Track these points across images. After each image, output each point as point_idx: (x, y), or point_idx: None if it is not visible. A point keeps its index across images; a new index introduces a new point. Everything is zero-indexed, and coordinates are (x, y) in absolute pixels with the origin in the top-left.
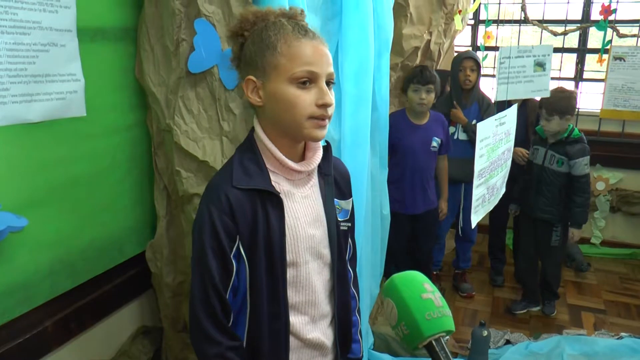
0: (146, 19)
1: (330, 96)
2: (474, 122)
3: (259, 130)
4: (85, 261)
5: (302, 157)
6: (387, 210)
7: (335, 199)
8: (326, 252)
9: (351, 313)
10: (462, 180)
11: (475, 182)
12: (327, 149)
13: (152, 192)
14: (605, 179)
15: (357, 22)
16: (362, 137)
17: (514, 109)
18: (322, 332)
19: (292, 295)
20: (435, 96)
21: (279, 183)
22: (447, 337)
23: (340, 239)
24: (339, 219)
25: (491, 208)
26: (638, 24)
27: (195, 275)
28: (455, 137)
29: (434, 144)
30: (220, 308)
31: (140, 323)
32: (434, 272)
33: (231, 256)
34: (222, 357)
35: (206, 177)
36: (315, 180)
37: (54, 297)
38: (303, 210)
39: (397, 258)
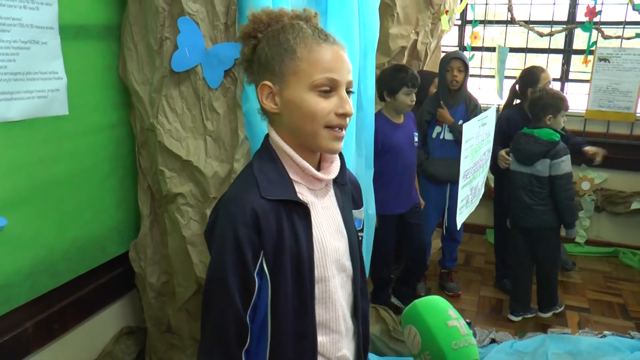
0: (130, 17)
1: (351, 105)
2: (460, 122)
3: (277, 138)
4: (67, 261)
5: (318, 168)
6: (372, 210)
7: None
8: (349, 264)
9: (369, 324)
10: (448, 180)
11: (461, 183)
12: (341, 158)
13: (136, 191)
14: (590, 179)
15: (342, 22)
16: (348, 136)
17: (493, 110)
18: (347, 349)
19: (321, 313)
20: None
21: (302, 193)
22: None
23: (361, 250)
24: (356, 229)
25: (473, 209)
26: (622, 26)
27: (212, 296)
28: (442, 137)
29: (415, 139)
30: (237, 331)
31: (124, 323)
32: None
33: (255, 274)
34: None
35: (190, 177)
36: (332, 190)
37: (35, 298)
38: (326, 222)
39: (390, 263)
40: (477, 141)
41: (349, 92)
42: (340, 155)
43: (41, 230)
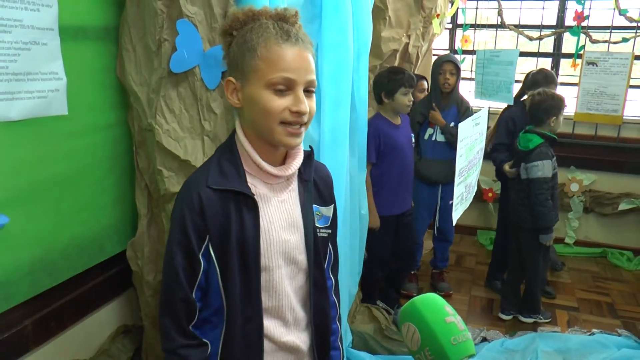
0: (128, 18)
1: (306, 104)
2: (452, 124)
3: (240, 132)
4: (65, 259)
5: (283, 162)
6: (365, 210)
7: (315, 205)
8: (301, 257)
9: (330, 320)
10: (440, 181)
11: (456, 180)
12: (309, 154)
13: (133, 190)
14: (578, 181)
15: (336, 25)
16: (341, 137)
17: (485, 111)
18: (296, 337)
19: (265, 300)
20: None
21: (256, 186)
22: None
23: (319, 245)
24: (319, 226)
25: (467, 205)
26: (609, 30)
27: (164, 270)
28: (434, 138)
29: (412, 140)
30: (183, 307)
31: (121, 322)
32: (412, 272)
33: (200, 255)
34: (174, 354)
35: (187, 176)
36: (294, 185)
37: (33, 296)
38: (278, 215)
39: (385, 263)
40: (471, 140)
41: (309, 91)
42: (311, 152)
43: (40, 229)
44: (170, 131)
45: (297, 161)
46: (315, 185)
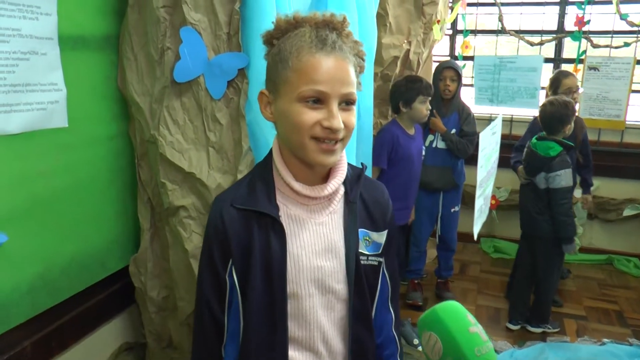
0: (129, 26)
1: (339, 120)
2: (452, 131)
3: (275, 149)
4: (66, 277)
5: (324, 180)
6: None
7: (364, 230)
8: (340, 287)
9: (370, 355)
10: (441, 188)
11: (477, 193)
12: (359, 173)
13: (136, 204)
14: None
15: None
16: (349, 148)
17: (500, 119)
18: None
19: (294, 329)
20: None
21: (287, 206)
22: None
23: (362, 274)
24: (367, 252)
25: (485, 218)
26: (611, 35)
27: (196, 291)
28: (434, 145)
29: (423, 152)
30: (212, 328)
31: (123, 339)
32: (416, 281)
33: (225, 275)
34: None
35: (192, 189)
36: (336, 206)
37: (34, 316)
38: (312, 239)
39: (402, 272)
40: (489, 150)
41: (349, 104)
42: (361, 170)
43: (40, 246)
44: (174, 143)
45: (336, 181)
46: (366, 207)
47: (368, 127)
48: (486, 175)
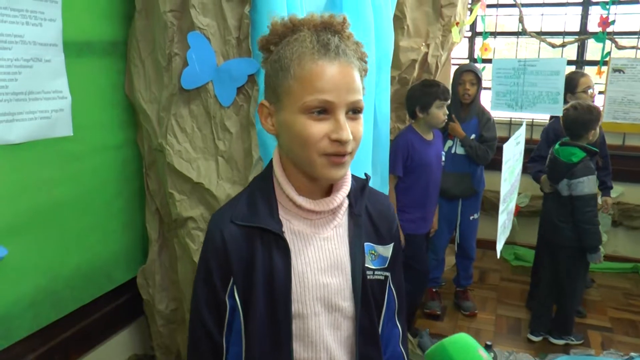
0: (136, 32)
1: (348, 131)
2: (472, 136)
3: (276, 161)
4: (70, 290)
5: (328, 193)
6: None
7: (369, 243)
8: (347, 304)
9: None
10: (459, 195)
11: (500, 208)
12: (363, 185)
13: (143, 215)
14: None
15: (356, 35)
16: (364, 157)
17: (524, 127)
18: None
19: (300, 350)
20: None
21: (291, 221)
22: None
23: (368, 289)
24: (373, 267)
25: (508, 234)
26: (637, 36)
27: (190, 309)
28: (453, 151)
29: (443, 158)
30: (208, 349)
31: (131, 352)
32: (434, 290)
33: (225, 296)
34: None
35: (201, 200)
36: (341, 220)
37: (37, 330)
38: (318, 255)
39: (425, 287)
40: (513, 162)
41: (356, 113)
42: (365, 180)
43: (43, 258)
44: (182, 152)
45: (342, 193)
46: (371, 220)
47: (385, 133)
48: (510, 188)
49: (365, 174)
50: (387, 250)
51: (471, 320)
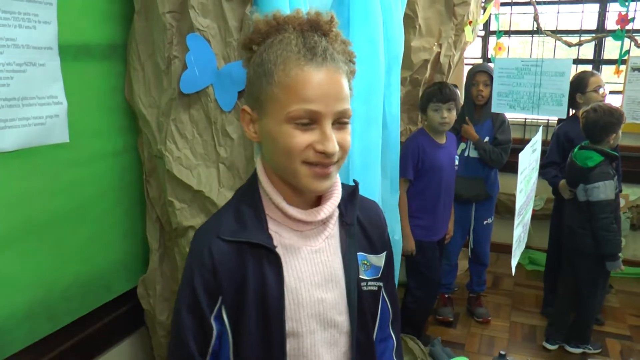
0: (136, 34)
1: (334, 142)
2: (486, 139)
3: (260, 171)
4: (67, 301)
5: (316, 202)
6: (398, 236)
7: (361, 253)
8: (342, 319)
9: None
10: (472, 199)
11: (515, 221)
12: (353, 191)
13: (144, 223)
14: (624, 196)
15: (365, 36)
16: (373, 159)
17: (540, 134)
18: None
19: None
20: (457, 113)
21: (281, 234)
22: None
23: (364, 301)
24: (366, 278)
25: (524, 247)
26: None
27: (171, 332)
28: (466, 154)
29: (456, 162)
30: None
31: None
32: (447, 295)
33: (211, 318)
34: None
35: (201, 208)
36: (332, 230)
37: (32, 343)
38: (311, 269)
39: (436, 294)
40: (529, 171)
41: (342, 123)
42: (354, 187)
43: (39, 269)
44: (182, 158)
45: (332, 202)
46: (362, 229)
47: (395, 136)
48: (525, 199)
49: (354, 180)
50: (380, 260)
51: (484, 327)
